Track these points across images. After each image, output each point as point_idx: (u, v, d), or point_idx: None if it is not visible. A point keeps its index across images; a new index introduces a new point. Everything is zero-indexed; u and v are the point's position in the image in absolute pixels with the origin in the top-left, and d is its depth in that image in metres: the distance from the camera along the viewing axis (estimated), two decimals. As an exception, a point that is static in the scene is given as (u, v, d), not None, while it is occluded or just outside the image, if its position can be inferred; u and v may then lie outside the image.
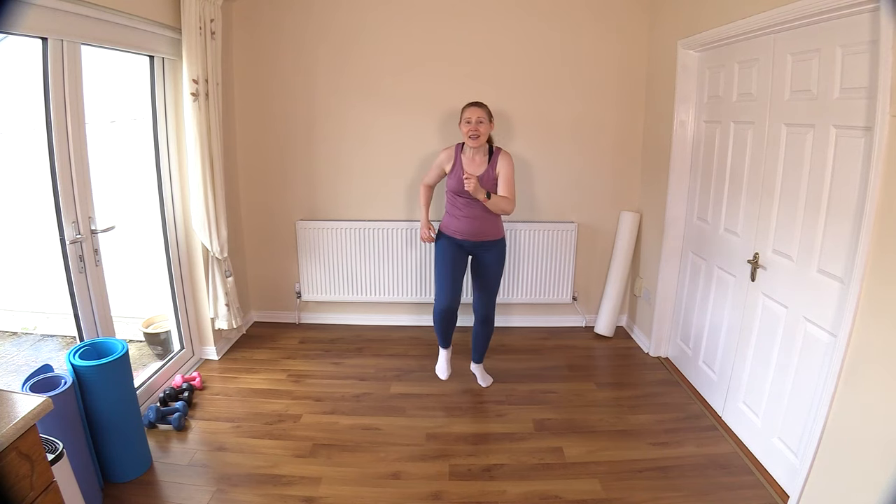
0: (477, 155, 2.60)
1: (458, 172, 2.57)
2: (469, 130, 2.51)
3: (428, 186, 2.81)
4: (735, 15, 2.24)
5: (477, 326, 2.81)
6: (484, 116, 2.52)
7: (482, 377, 2.94)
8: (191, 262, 2.99)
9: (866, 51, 1.64)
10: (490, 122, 2.56)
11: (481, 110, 2.52)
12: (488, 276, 2.69)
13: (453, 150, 2.66)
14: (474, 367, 2.97)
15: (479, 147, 2.58)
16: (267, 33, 3.23)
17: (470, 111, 2.53)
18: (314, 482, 2.13)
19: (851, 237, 1.71)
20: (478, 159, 2.60)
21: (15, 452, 1.17)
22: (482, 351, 2.89)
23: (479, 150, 2.59)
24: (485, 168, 2.59)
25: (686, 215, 2.97)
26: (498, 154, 2.61)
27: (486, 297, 2.73)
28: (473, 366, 2.97)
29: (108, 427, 2.03)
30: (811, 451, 1.74)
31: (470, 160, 2.61)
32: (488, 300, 2.73)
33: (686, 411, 2.66)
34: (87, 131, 2.19)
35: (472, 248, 2.68)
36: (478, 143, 2.53)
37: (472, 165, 2.60)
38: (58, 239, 2.13)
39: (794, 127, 2.04)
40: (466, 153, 2.62)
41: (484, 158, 2.61)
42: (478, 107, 2.53)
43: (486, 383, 2.92)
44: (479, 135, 2.51)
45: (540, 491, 2.09)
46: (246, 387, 2.87)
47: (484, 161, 2.60)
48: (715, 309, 2.66)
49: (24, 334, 3.21)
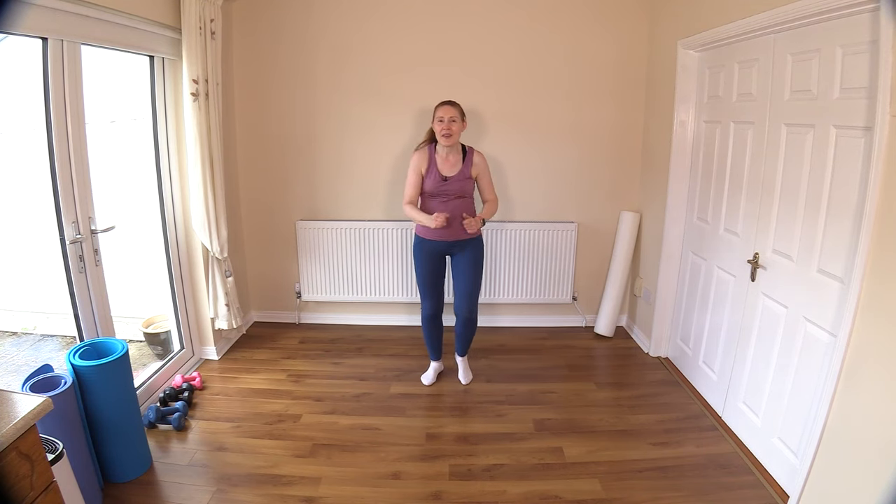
0: (451, 154, 2.60)
1: (435, 174, 2.57)
2: (442, 129, 2.50)
3: (412, 204, 2.63)
4: (735, 15, 2.24)
5: (459, 327, 2.80)
6: (456, 115, 2.52)
7: (464, 371, 2.93)
8: (191, 262, 2.99)
9: (866, 51, 1.64)
10: (462, 120, 2.56)
11: (454, 109, 2.52)
12: (467, 275, 2.67)
13: (425, 151, 2.62)
14: (458, 359, 2.96)
15: (453, 146, 2.57)
16: (267, 33, 3.23)
17: (442, 110, 2.52)
18: (314, 482, 2.13)
19: (851, 237, 1.70)
20: (451, 159, 2.60)
21: (15, 452, 1.17)
22: (467, 344, 2.89)
23: (452, 149, 2.59)
24: (460, 167, 2.59)
25: (686, 215, 2.97)
26: (472, 154, 2.62)
27: (468, 299, 2.70)
28: (458, 358, 2.96)
29: (108, 427, 2.03)
30: (811, 451, 1.74)
31: (444, 160, 2.59)
32: (469, 303, 2.71)
33: (686, 411, 2.66)
34: (87, 131, 2.19)
35: (450, 248, 2.67)
36: (450, 141, 2.52)
37: (447, 165, 2.59)
38: (58, 239, 2.13)
39: (794, 127, 2.04)
40: (440, 152, 2.60)
41: (458, 157, 2.61)
42: (450, 105, 2.53)
43: (467, 379, 2.91)
44: (451, 133, 2.50)
45: (540, 491, 2.09)
46: (246, 387, 2.87)
47: (458, 160, 2.60)
48: (715, 309, 2.66)
49: (24, 334, 3.21)
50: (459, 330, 2.82)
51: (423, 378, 2.93)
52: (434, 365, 2.94)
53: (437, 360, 2.94)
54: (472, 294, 2.71)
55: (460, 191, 2.58)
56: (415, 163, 2.61)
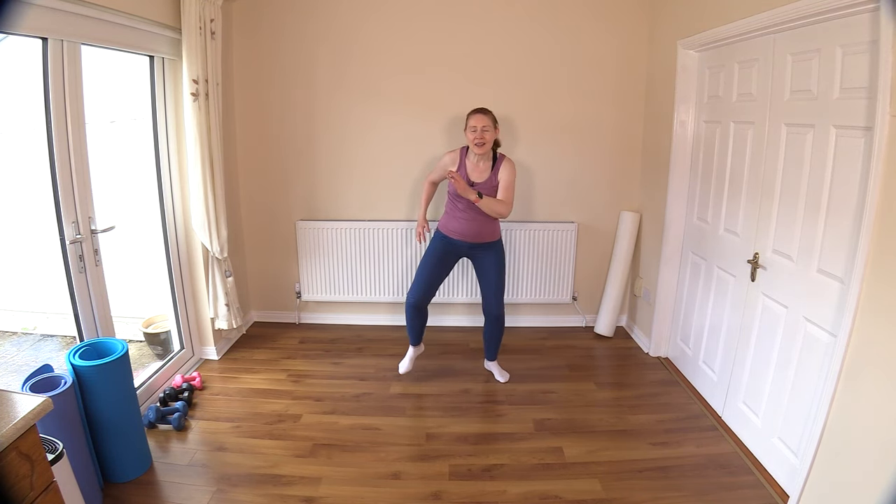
0: (481, 161, 2.62)
1: (464, 178, 2.58)
2: (475, 138, 2.52)
3: (432, 183, 2.87)
4: (735, 15, 2.24)
5: (488, 325, 2.84)
6: (489, 124, 2.53)
7: (499, 373, 2.96)
8: (191, 262, 2.99)
9: (866, 51, 1.64)
10: (495, 128, 2.57)
11: (487, 117, 2.53)
12: (492, 276, 2.72)
13: (458, 154, 2.66)
14: (489, 364, 3.00)
15: (484, 154, 2.59)
16: (267, 33, 3.23)
17: (476, 118, 2.53)
18: (314, 482, 2.13)
19: (851, 237, 1.70)
20: (482, 166, 2.62)
21: (15, 452, 1.17)
22: (495, 349, 2.93)
23: (483, 156, 2.60)
24: (488, 175, 2.60)
25: (686, 215, 2.97)
26: (501, 161, 2.63)
27: (494, 296, 2.75)
28: (488, 363, 3.00)
29: (108, 427, 2.03)
30: (811, 451, 1.74)
31: (474, 166, 2.62)
32: (496, 300, 2.76)
33: (686, 411, 2.66)
34: (87, 131, 2.19)
35: (469, 250, 2.71)
36: (483, 150, 2.54)
37: (476, 171, 2.62)
38: (58, 239, 2.13)
39: (794, 127, 2.04)
40: (471, 159, 2.62)
41: (488, 165, 2.62)
42: (483, 114, 2.54)
43: (504, 378, 2.94)
44: (484, 142, 2.52)
45: (540, 491, 2.09)
46: (246, 387, 2.87)
47: (488, 168, 2.62)
48: (715, 309, 2.66)
49: (24, 334, 3.21)
50: (489, 329, 2.84)
51: (400, 366, 2.94)
52: (411, 351, 2.94)
53: (416, 345, 2.94)
54: (499, 293, 2.76)
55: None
56: (444, 162, 2.69)
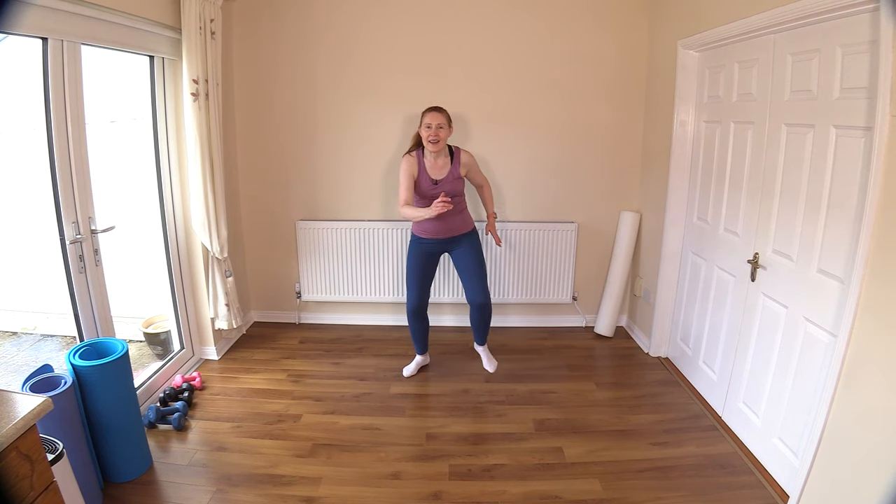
0: (439, 158, 2.66)
1: (425, 178, 2.63)
2: (429, 135, 2.56)
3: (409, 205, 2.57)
4: (735, 15, 2.24)
5: (474, 313, 2.82)
6: (444, 121, 2.58)
7: (488, 360, 2.96)
8: (191, 262, 2.99)
9: (866, 51, 1.63)
10: (449, 126, 2.62)
11: (441, 115, 2.58)
12: (470, 266, 2.74)
13: (414, 157, 2.65)
14: (479, 348, 2.99)
15: (439, 151, 2.62)
16: (267, 33, 3.23)
17: (430, 116, 2.57)
18: (314, 482, 2.13)
19: (851, 237, 1.70)
20: (440, 162, 2.66)
21: (15, 452, 1.17)
22: (484, 333, 2.92)
23: (439, 153, 2.64)
24: (448, 169, 2.66)
25: (686, 215, 2.97)
26: (459, 153, 2.69)
27: (477, 283, 2.75)
28: (478, 347, 2.99)
29: (108, 427, 2.03)
30: (811, 451, 1.74)
31: (433, 164, 2.65)
32: (479, 287, 2.75)
33: (686, 411, 2.66)
34: (87, 131, 2.19)
35: (445, 246, 2.75)
36: (437, 147, 2.58)
37: (436, 169, 2.65)
38: (58, 239, 2.13)
39: (794, 127, 2.04)
40: (428, 158, 2.65)
41: (447, 160, 2.68)
42: (437, 112, 2.59)
43: (492, 367, 2.94)
44: (438, 139, 2.56)
45: (540, 491, 2.09)
46: (246, 387, 2.87)
47: (447, 162, 2.67)
48: (715, 309, 2.66)
49: (24, 334, 3.21)
50: (476, 317, 2.83)
51: (405, 370, 2.99)
52: (418, 358, 3.02)
53: (422, 353, 3.01)
54: (481, 278, 2.76)
55: (451, 191, 2.63)
56: (405, 167, 2.63)
